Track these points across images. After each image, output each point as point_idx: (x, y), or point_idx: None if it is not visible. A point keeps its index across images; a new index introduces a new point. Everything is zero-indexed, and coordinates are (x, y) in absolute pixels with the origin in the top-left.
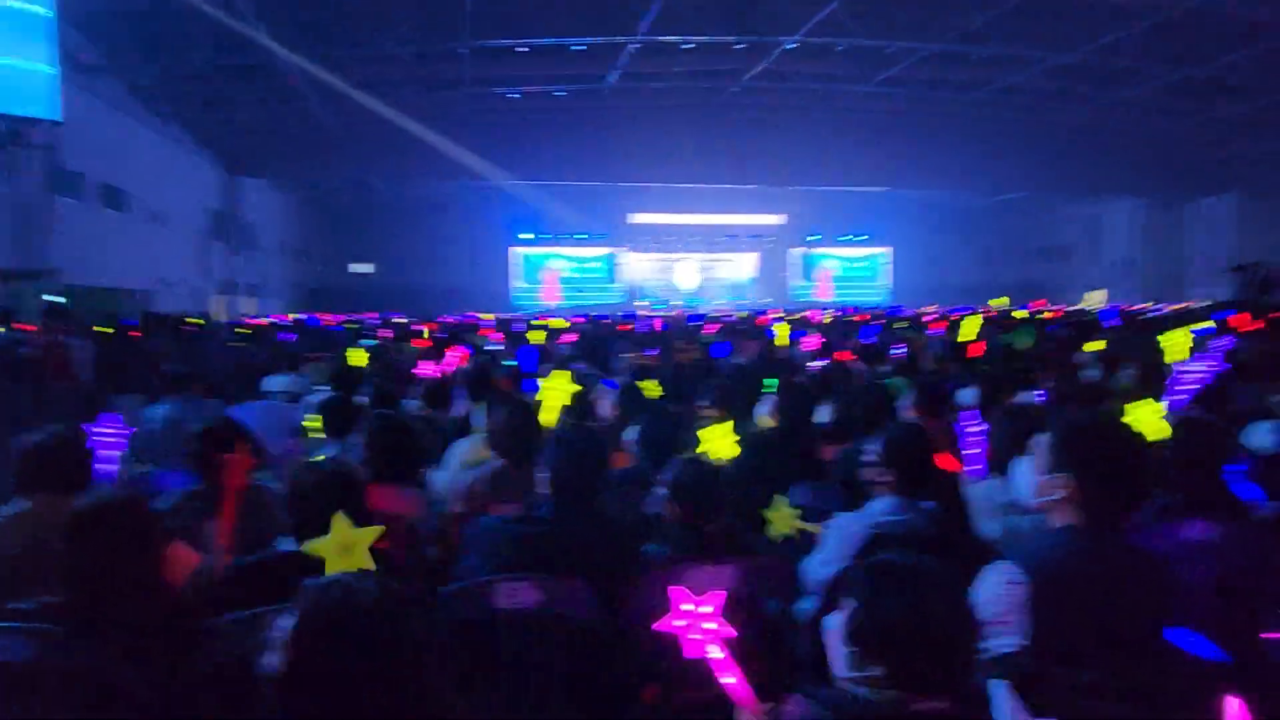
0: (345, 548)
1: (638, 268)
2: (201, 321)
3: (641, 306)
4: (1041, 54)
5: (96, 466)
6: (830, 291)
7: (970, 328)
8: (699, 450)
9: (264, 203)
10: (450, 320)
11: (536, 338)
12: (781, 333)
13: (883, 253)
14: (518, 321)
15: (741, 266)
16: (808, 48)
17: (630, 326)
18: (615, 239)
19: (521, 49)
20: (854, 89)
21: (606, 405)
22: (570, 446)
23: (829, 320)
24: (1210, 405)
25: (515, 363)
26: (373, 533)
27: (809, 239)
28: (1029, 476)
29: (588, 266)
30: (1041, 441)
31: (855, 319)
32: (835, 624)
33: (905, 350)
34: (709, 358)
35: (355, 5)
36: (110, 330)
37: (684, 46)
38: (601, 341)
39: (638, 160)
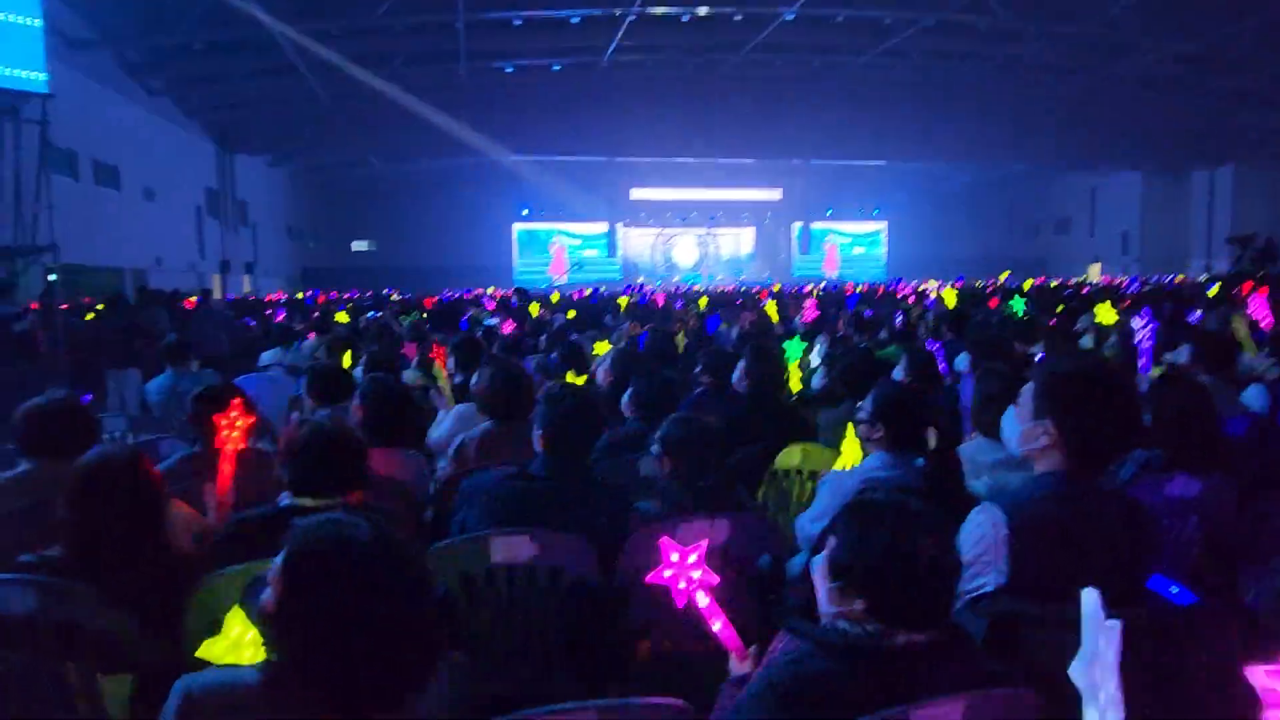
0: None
1: (637, 243)
2: (199, 298)
3: (641, 282)
4: (1041, 25)
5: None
6: (836, 265)
7: (950, 297)
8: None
9: (260, 180)
10: (449, 296)
11: (534, 310)
12: (770, 309)
13: (880, 227)
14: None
15: (740, 241)
16: (806, 19)
17: (628, 300)
18: (614, 215)
19: (517, 22)
20: (853, 61)
21: (601, 372)
22: (560, 404)
23: (818, 293)
24: (1213, 366)
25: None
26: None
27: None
28: (1014, 426)
29: (589, 242)
30: (1025, 390)
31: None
32: (819, 561)
33: (902, 320)
34: (705, 329)
35: None
36: (105, 306)
37: (683, 19)
38: (598, 314)
39: (636, 135)
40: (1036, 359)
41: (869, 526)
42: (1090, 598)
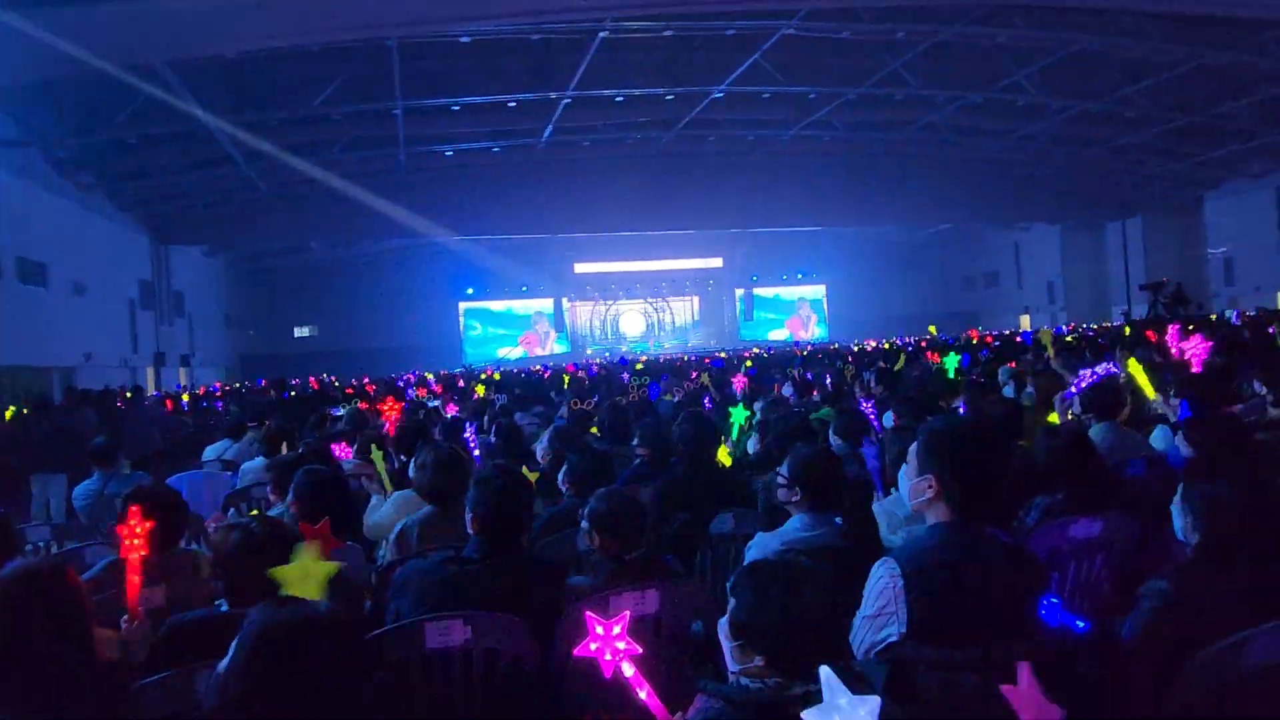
0: (305, 576)
1: (584, 316)
2: (130, 395)
3: (591, 355)
4: (952, 94)
5: None
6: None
7: (897, 356)
8: None
9: (196, 270)
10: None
11: (480, 391)
12: (705, 379)
13: (819, 291)
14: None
15: (685, 310)
16: (735, 96)
17: (574, 371)
18: (560, 289)
19: (455, 108)
20: (782, 134)
21: (540, 450)
22: (490, 485)
23: (748, 365)
24: (1101, 414)
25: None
26: (333, 567)
27: (753, 279)
28: (905, 481)
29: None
30: (912, 447)
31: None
32: (723, 622)
33: (833, 381)
34: (647, 399)
35: (284, 68)
36: (29, 408)
37: (616, 99)
38: (541, 392)
39: (577, 211)
40: (960, 413)
41: (761, 586)
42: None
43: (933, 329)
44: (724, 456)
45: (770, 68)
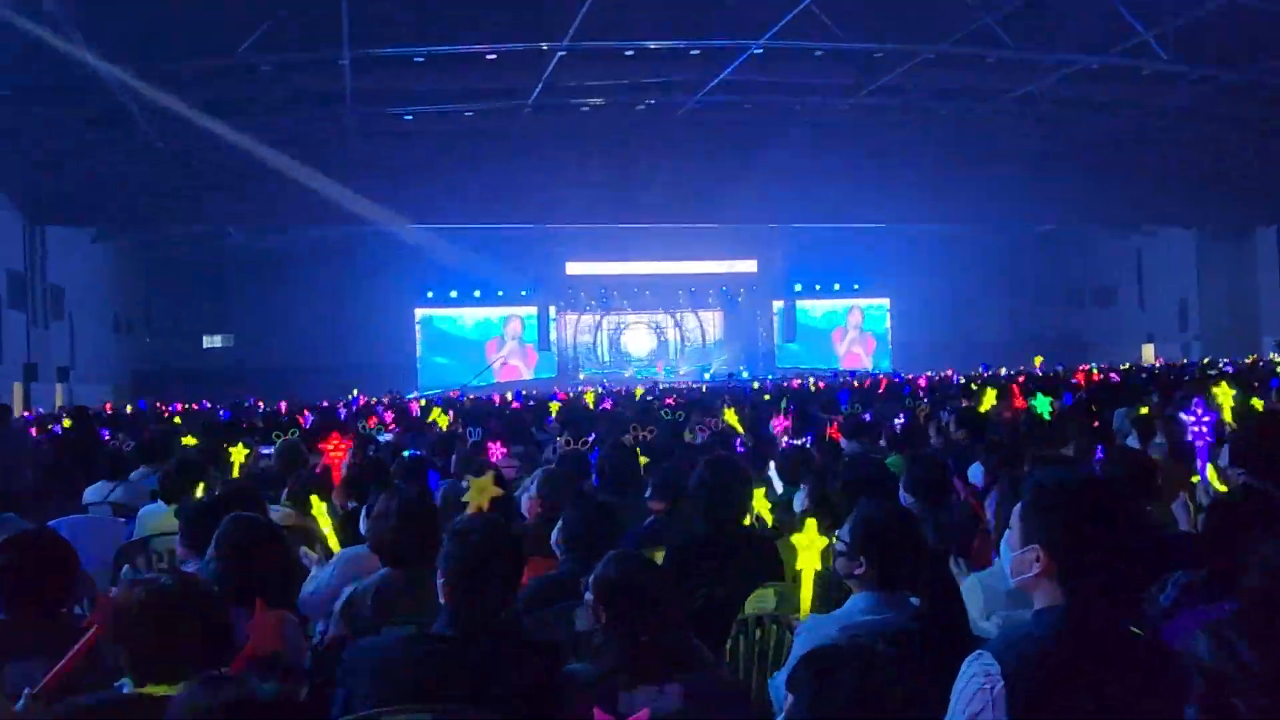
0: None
1: (576, 331)
2: None
3: (584, 381)
4: (1058, 56)
5: None
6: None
7: (990, 396)
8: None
9: (81, 260)
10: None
11: (442, 422)
12: (729, 417)
13: (880, 304)
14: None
15: (707, 326)
16: (777, 53)
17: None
18: (546, 296)
19: (419, 59)
20: (838, 103)
21: (526, 500)
22: (471, 541)
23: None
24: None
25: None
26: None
27: (796, 289)
28: (1007, 553)
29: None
30: (1015, 509)
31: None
32: None
33: (905, 423)
34: (666, 439)
35: (201, 3)
36: None
37: (626, 53)
38: (519, 426)
39: (571, 197)
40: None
41: (830, 680)
42: None
43: (1038, 360)
44: (762, 508)
45: (825, 17)
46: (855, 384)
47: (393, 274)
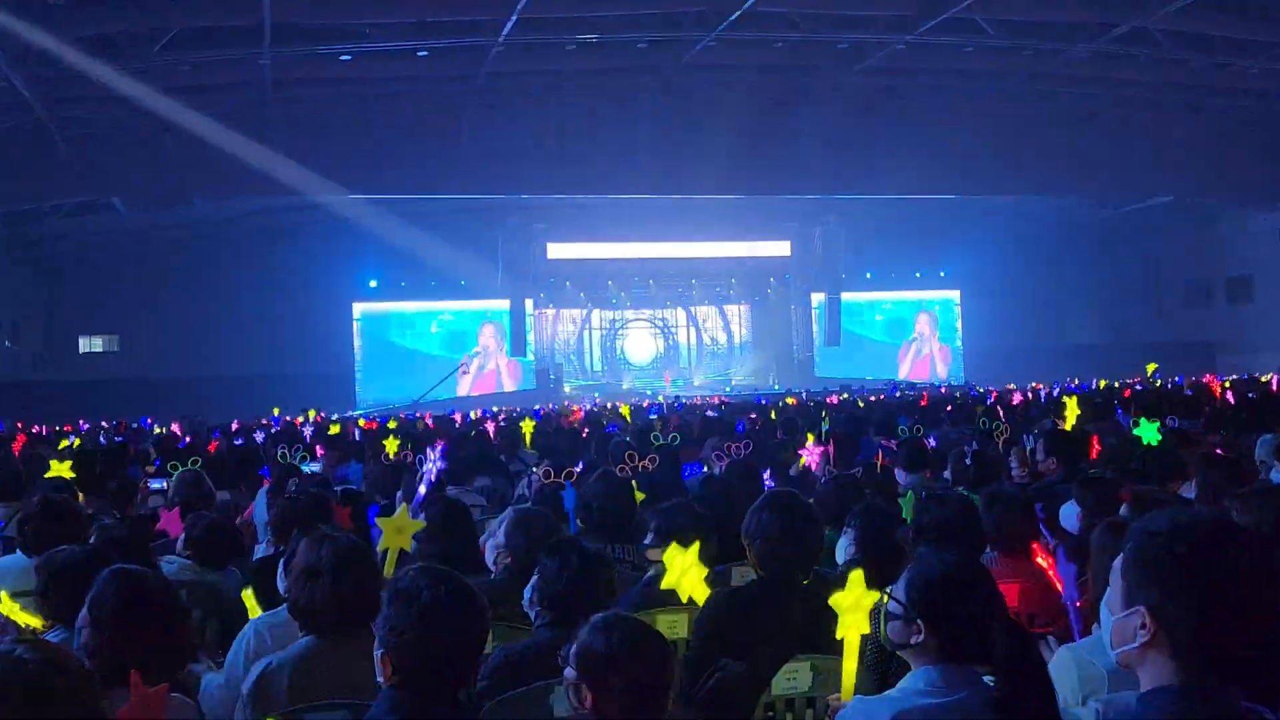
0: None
1: (558, 329)
2: None
3: (571, 394)
4: None
5: None
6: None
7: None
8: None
9: None
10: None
11: (390, 449)
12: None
13: (947, 298)
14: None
15: (728, 323)
16: None
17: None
18: (521, 286)
19: None
20: (893, 40)
21: (492, 547)
22: (420, 602)
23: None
24: None
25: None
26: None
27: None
28: (1107, 618)
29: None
30: (1115, 565)
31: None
32: None
33: (975, 448)
34: (672, 471)
35: None
36: None
37: None
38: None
39: (552, 160)
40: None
41: None
42: None
43: (1151, 368)
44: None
45: None
46: (915, 396)
47: (323, 258)
